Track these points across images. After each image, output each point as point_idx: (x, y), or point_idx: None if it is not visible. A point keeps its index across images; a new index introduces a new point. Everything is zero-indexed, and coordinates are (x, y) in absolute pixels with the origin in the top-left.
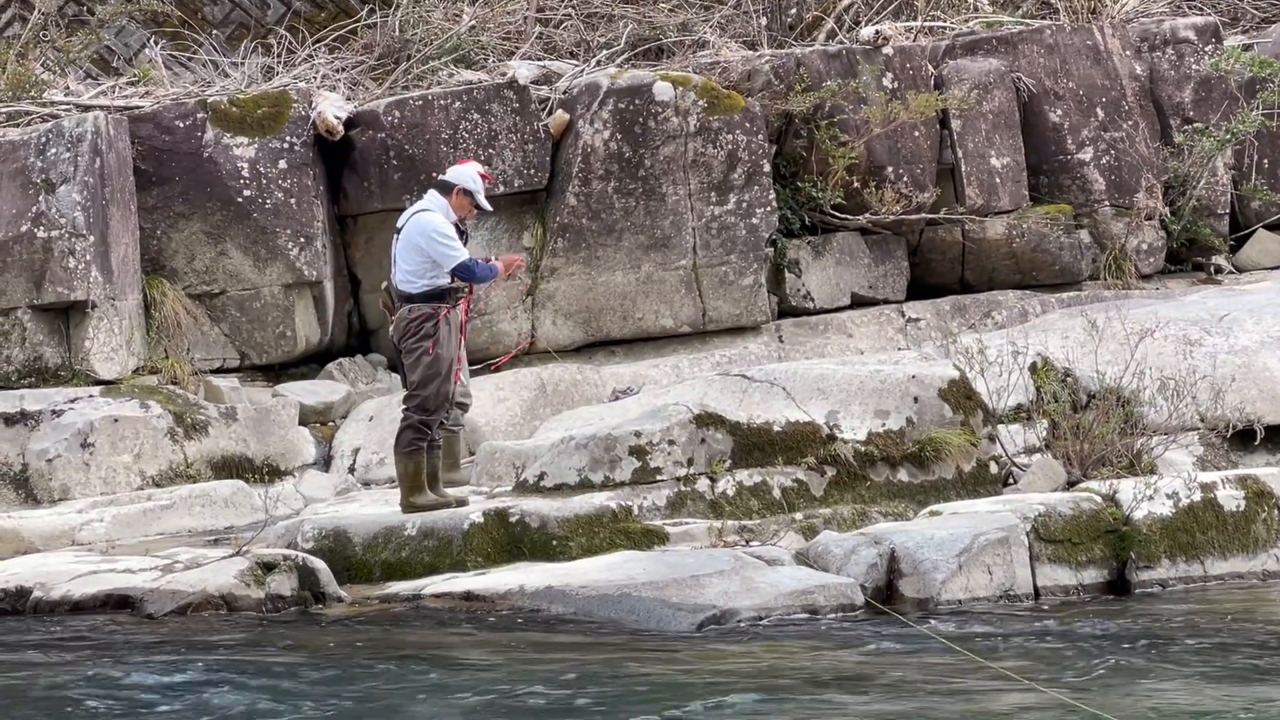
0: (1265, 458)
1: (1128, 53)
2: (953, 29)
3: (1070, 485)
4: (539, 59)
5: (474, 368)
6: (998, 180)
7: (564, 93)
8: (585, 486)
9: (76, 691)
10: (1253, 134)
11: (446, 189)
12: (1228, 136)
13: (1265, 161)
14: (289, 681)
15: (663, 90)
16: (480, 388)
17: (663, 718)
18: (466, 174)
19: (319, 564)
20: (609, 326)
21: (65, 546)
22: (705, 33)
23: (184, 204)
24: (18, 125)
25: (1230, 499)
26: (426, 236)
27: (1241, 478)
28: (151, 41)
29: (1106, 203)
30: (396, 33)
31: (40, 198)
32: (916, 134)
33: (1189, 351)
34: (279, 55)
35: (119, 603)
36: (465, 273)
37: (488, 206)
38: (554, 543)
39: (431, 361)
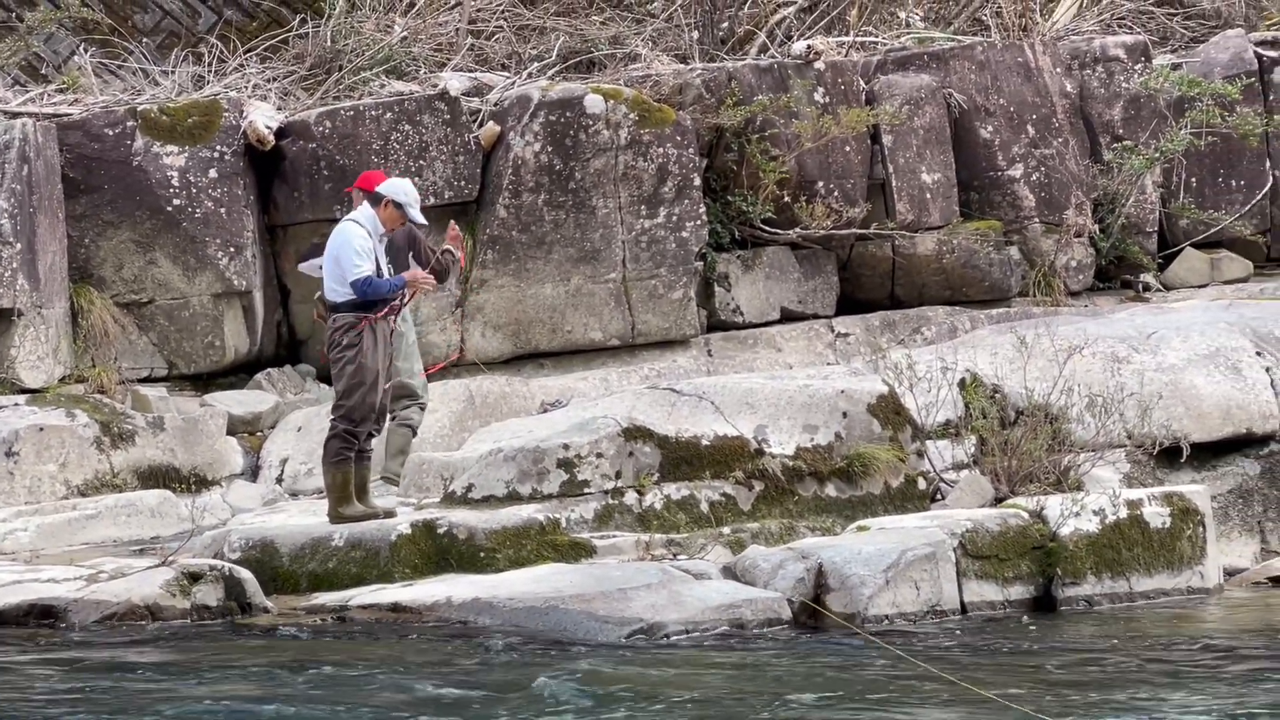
0: (1191, 475)
1: (1058, 70)
2: (884, 44)
3: (998, 501)
4: (470, 71)
5: None
6: (928, 196)
7: (495, 105)
8: (513, 499)
9: None
10: (1181, 153)
11: (377, 201)
12: (1156, 155)
13: (1193, 180)
14: (207, 692)
15: (594, 103)
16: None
17: None
18: (399, 187)
19: (245, 574)
20: (538, 339)
21: None
22: (637, 46)
23: (113, 212)
24: None
25: (1156, 516)
26: (338, 247)
27: (1167, 495)
28: (81, 49)
29: (1036, 219)
30: (328, 43)
31: None
32: (847, 149)
33: (1117, 369)
34: (210, 64)
35: (42, 613)
36: (359, 289)
37: (419, 219)
38: (482, 554)
39: (355, 371)
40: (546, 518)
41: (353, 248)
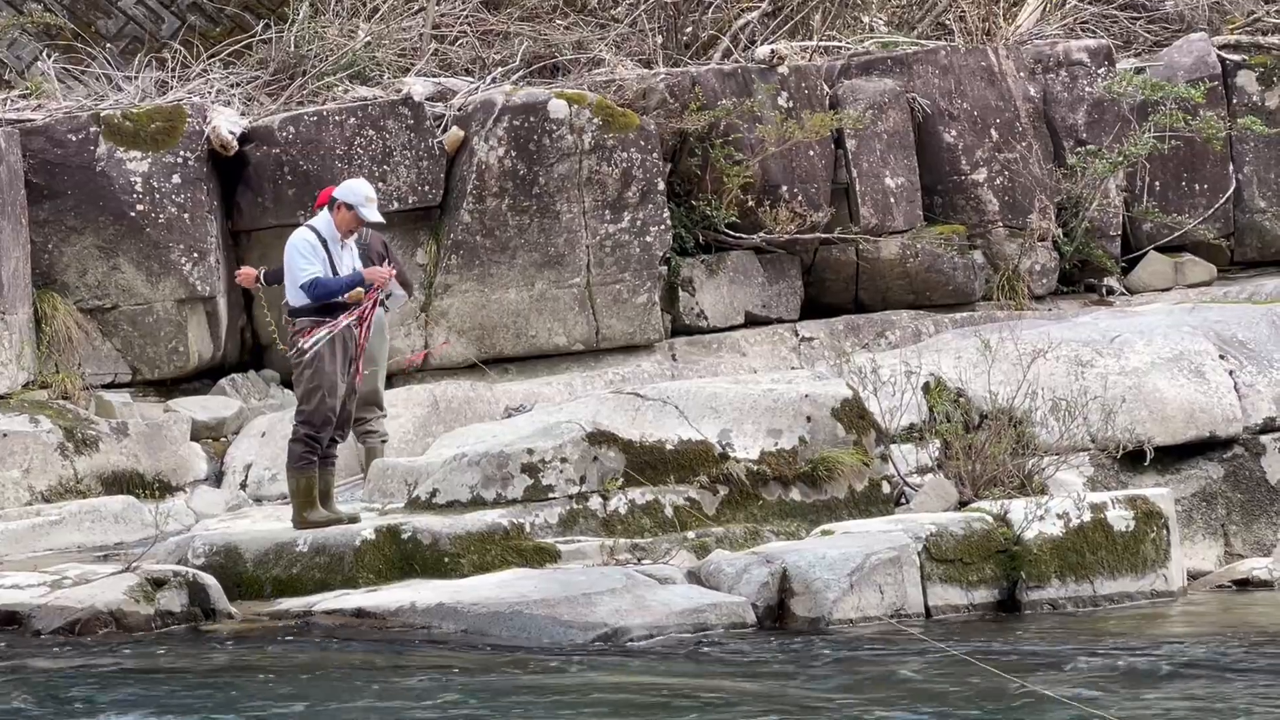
0: (1155, 478)
1: (1022, 74)
2: (848, 49)
3: (962, 505)
4: (434, 76)
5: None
6: (892, 200)
7: (459, 110)
8: (477, 504)
9: None
10: (1144, 156)
11: (333, 204)
12: (1120, 159)
13: (1157, 184)
14: (169, 699)
15: (558, 108)
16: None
17: None
18: (348, 187)
19: (209, 580)
20: (502, 344)
21: None
22: (601, 51)
23: (76, 218)
24: None
25: (1120, 519)
26: (287, 253)
27: (1131, 498)
28: (44, 54)
29: (1000, 223)
30: (292, 48)
31: None
32: (811, 153)
33: (1080, 372)
34: (173, 69)
35: (6, 619)
36: (309, 292)
37: (371, 219)
38: (446, 560)
39: (313, 375)
40: (511, 523)
41: (298, 252)
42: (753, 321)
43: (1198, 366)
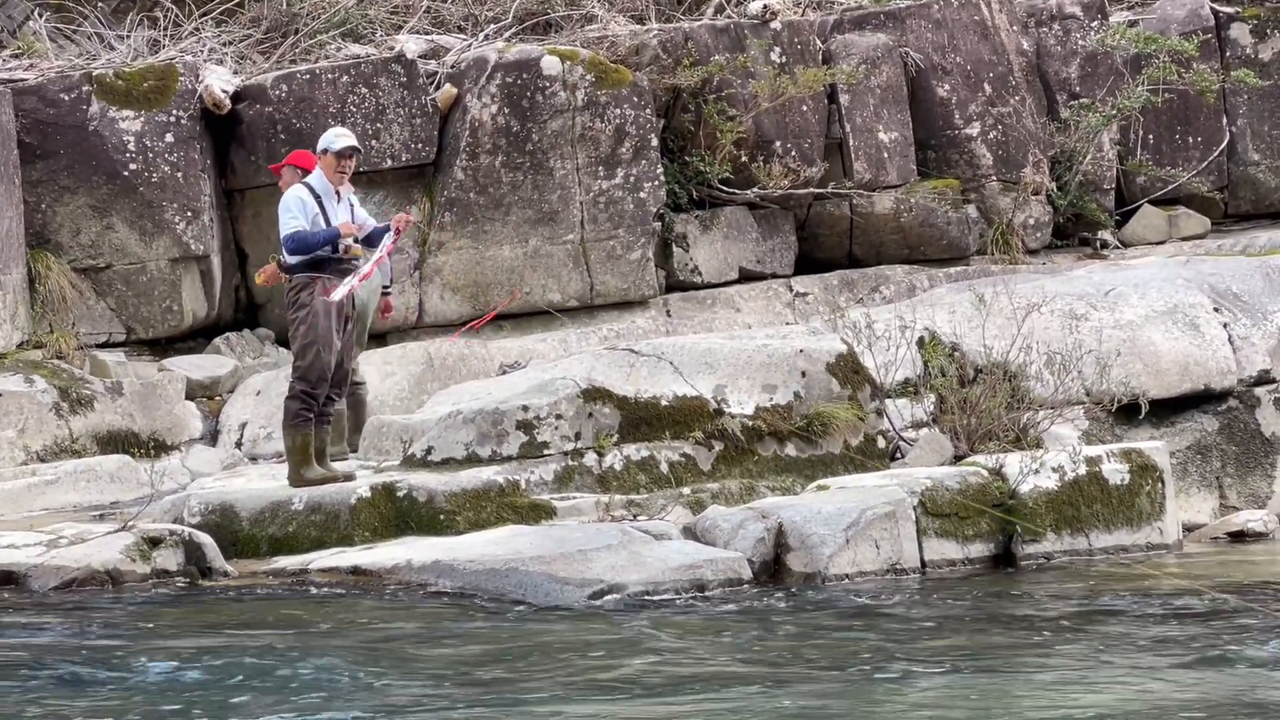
0: (1149, 431)
1: (1015, 28)
2: (841, 4)
3: (957, 459)
4: (427, 33)
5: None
6: (885, 155)
7: (452, 67)
8: (473, 461)
9: None
10: (1138, 110)
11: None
12: (1113, 112)
13: (1150, 137)
14: (167, 655)
15: (550, 64)
16: (368, 362)
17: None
18: (324, 135)
19: (205, 539)
20: (496, 301)
21: None
22: (593, 7)
23: (69, 177)
24: None
25: (1115, 472)
26: (279, 209)
27: (1126, 451)
28: (36, 13)
29: (994, 178)
30: (284, 6)
31: None
32: (804, 108)
33: (1075, 326)
34: (165, 28)
35: (3, 578)
36: (288, 245)
37: (338, 146)
38: (441, 517)
39: (306, 331)
40: (506, 480)
41: (287, 208)
42: (747, 277)
43: (1192, 319)
